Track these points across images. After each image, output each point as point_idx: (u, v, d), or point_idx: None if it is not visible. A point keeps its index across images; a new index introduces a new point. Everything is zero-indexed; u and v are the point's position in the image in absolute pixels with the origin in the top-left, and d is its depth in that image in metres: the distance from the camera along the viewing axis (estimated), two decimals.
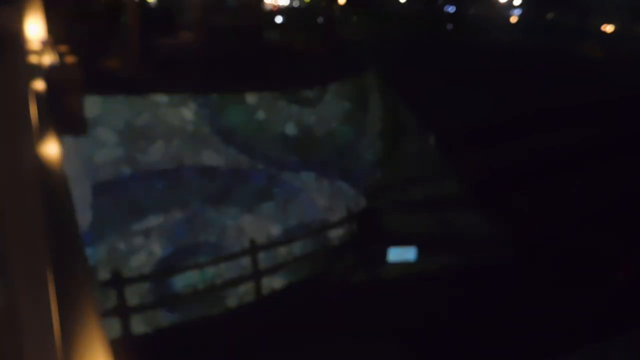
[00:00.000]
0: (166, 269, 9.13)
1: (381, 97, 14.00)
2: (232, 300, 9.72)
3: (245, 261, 9.89)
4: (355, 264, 10.68)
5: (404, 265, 10.56)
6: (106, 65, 11.32)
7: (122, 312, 8.41)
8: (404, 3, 30.98)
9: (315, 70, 12.50)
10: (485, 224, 11.66)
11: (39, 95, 3.03)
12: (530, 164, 13.05)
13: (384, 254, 10.66)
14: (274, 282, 10.24)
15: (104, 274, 8.42)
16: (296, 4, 26.88)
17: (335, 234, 11.50)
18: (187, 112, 9.71)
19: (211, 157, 9.88)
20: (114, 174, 8.78)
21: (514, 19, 32.87)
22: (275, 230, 10.55)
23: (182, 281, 9.26)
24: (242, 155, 10.26)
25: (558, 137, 13.64)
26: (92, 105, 8.53)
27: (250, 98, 10.53)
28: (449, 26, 24.75)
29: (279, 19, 23.76)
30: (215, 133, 9.99)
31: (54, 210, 1.76)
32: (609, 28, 30.06)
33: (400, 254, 10.65)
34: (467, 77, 14.74)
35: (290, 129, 11.08)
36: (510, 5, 33.34)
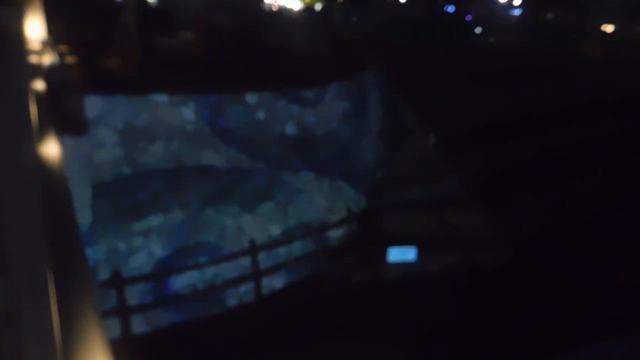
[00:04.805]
0: (166, 269, 9.13)
1: (381, 97, 14.00)
2: (232, 300, 9.72)
3: (245, 261, 9.89)
4: (355, 264, 10.68)
5: (404, 265, 10.56)
6: (106, 65, 11.32)
7: (122, 312, 8.41)
8: (404, 3, 30.99)
9: (315, 70, 12.50)
10: (485, 224, 11.66)
11: (39, 95, 3.03)
12: (530, 164, 13.04)
13: (384, 254, 10.66)
14: (274, 282, 10.24)
15: (104, 274, 8.42)
16: (296, 4, 26.89)
17: (335, 234, 11.50)
18: (187, 112, 9.71)
19: (211, 157, 9.88)
20: (114, 174, 8.78)
21: (513, 19, 32.87)
22: (275, 230, 10.55)
23: (182, 281, 9.26)
24: (242, 155, 10.26)
25: (558, 137, 13.63)
26: (92, 105, 8.52)
27: (250, 98, 10.53)
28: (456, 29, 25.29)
29: (279, 19, 23.79)
30: (215, 133, 9.99)
31: (54, 210, 1.76)
32: (609, 28, 30.05)
33: (400, 254, 10.65)
34: (467, 77, 14.74)
35: (290, 129, 11.09)
36: (510, 5, 33.33)
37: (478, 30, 28.23)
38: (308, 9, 26.93)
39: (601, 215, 11.37)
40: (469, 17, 29.69)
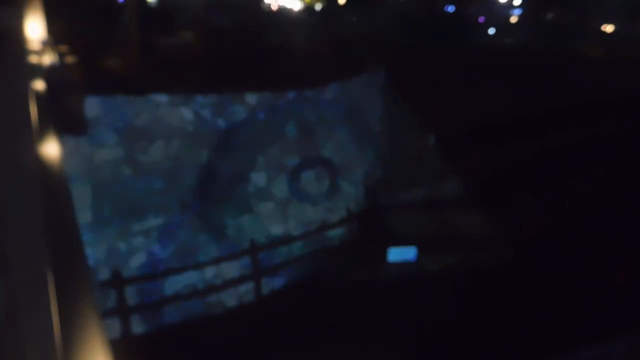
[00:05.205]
0: (166, 269, 9.12)
1: (381, 97, 14.00)
2: (232, 300, 9.72)
3: (245, 261, 9.90)
4: (355, 264, 10.68)
5: (404, 265, 10.56)
6: (106, 65, 11.31)
7: (122, 312, 8.42)
8: (404, 3, 30.97)
9: (315, 70, 12.50)
10: (485, 224, 11.66)
11: (39, 95, 3.03)
12: (531, 164, 13.05)
13: (384, 254, 10.66)
14: (274, 282, 10.25)
15: (104, 274, 8.42)
16: (296, 4, 26.89)
17: (335, 234, 11.50)
18: (187, 112, 9.70)
19: (211, 157, 9.88)
20: (114, 174, 8.78)
21: (514, 19, 32.86)
22: (275, 230, 10.55)
23: (182, 281, 9.26)
24: (243, 155, 10.26)
25: (558, 137, 13.63)
26: (92, 105, 8.52)
27: (250, 98, 10.53)
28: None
29: (279, 19, 23.79)
30: (215, 133, 9.99)
31: (54, 210, 1.76)
32: (609, 28, 30.03)
33: (400, 254, 10.65)
34: (467, 77, 14.73)
35: (290, 129, 11.08)
36: (510, 5, 33.32)
37: (492, 31, 28.53)
38: (308, 9, 26.93)
39: (601, 215, 11.37)
40: (481, 19, 29.97)
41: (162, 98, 9.46)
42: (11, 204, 1.61)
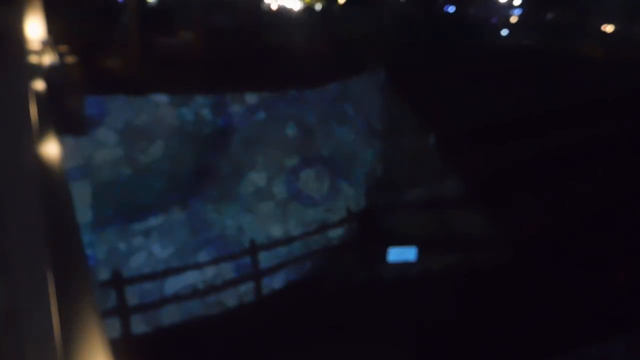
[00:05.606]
0: (166, 269, 9.12)
1: (381, 97, 14.00)
2: (232, 300, 9.72)
3: (245, 261, 9.90)
4: (355, 264, 10.68)
5: (404, 265, 10.56)
6: (106, 65, 11.32)
7: (122, 312, 8.42)
8: (404, 3, 30.95)
9: (315, 70, 12.50)
10: (485, 224, 11.66)
11: (39, 95, 3.03)
12: (531, 164, 13.05)
13: (384, 254, 10.66)
14: (274, 282, 10.24)
15: (104, 274, 8.42)
16: (296, 4, 26.90)
17: (335, 234, 11.50)
18: (187, 112, 9.71)
19: (211, 157, 9.88)
20: (114, 174, 8.78)
21: (514, 19, 32.87)
22: (275, 230, 10.55)
23: (182, 281, 9.26)
24: (242, 155, 10.26)
25: (558, 137, 13.64)
26: (92, 105, 8.53)
27: (250, 98, 10.53)
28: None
29: (279, 19, 23.78)
30: (215, 133, 10.00)
31: (54, 210, 1.76)
32: (609, 28, 30.03)
33: (400, 254, 10.65)
34: (467, 77, 14.73)
35: (290, 129, 11.08)
36: (510, 5, 33.32)
37: (504, 32, 28.79)
38: (308, 9, 26.92)
39: (601, 215, 11.37)
40: (494, 20, 30.14)
41: (162, 98, 9.46)
42: (11, 204, 1.61)
